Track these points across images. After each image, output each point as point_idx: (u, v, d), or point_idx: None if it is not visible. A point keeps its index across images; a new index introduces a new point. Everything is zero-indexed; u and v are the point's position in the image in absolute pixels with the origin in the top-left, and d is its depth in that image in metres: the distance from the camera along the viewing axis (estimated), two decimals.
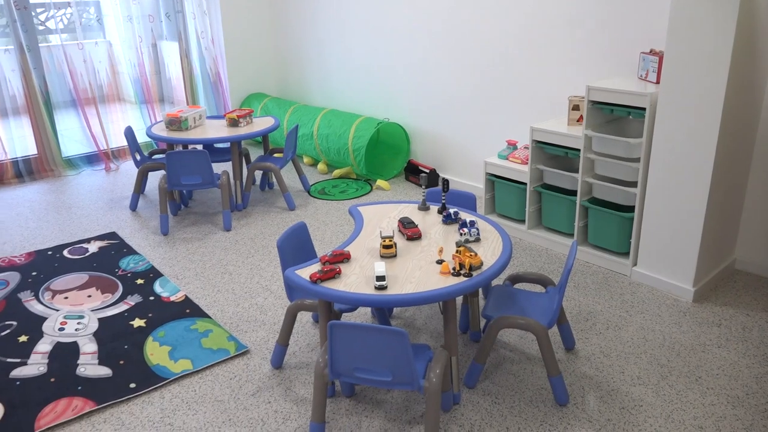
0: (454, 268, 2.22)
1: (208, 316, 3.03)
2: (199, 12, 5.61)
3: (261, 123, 4.48)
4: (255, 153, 5.61)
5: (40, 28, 5.09)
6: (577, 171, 3.48)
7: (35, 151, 5.16)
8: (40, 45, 5.03)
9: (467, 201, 2.96)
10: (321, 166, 5.13)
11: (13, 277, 3.44)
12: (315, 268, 2.25)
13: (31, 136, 5.11)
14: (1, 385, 2.55)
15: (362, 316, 2.99)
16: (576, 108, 3.53)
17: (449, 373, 2.30)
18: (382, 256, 2.36)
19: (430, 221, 2.68)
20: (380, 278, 2.13)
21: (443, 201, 2.73)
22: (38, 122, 5.08)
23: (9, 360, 2.71)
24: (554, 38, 3.79)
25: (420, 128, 4.86)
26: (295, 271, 2.23)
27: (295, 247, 2.58)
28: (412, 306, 2.98)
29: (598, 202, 3.40)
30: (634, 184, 3.23)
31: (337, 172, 5.01)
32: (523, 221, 3.85)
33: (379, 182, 4.76)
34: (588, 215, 3.47)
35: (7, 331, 2.94)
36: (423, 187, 2.80)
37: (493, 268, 2.24)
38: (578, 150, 3.37)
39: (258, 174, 4.94)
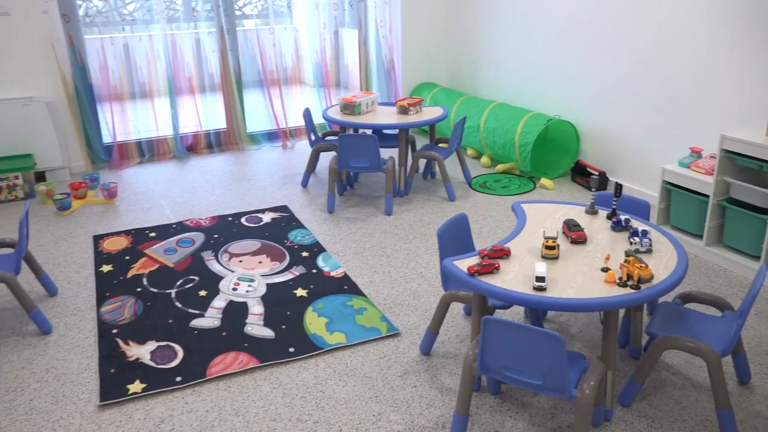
0: (620, 278, 2.10)
1: (364, 295, 3.16)
2: (380, 1, 5.79)
3: (430, 112, 4.54)
4: (421, 141, 5.71)
5: (238, 13, 5.56)
6: None
7: (225, 126, 5.68)
8: (237, 29, 5.49)
9: (640, 208, 2.78)
10: (484, 159, 5.10)
11: (199, 237, 3.83)
12: (473, 260, 2.25)
13: (223, 111, 5.63)
14: (182, 331, 2.86)
15: (515, 314, 2.94)
16: None
17: (603, 386, 2.19)
18: (544, 257, 2.29)
19: (597, 226, 2.55)
20: (540, 279, 2.07)
21: (614, 206, 2.59)
22: (230, 99, 5.57)
23: (190, 310, 3.03)
24: (757, 39, 3.41)
25: (592, 128, 4.64)
26: (453, 261, 2.25)
27: (455, 237, 2.59)
28: (570, 312, 2.88)
29: None
30: None
31: (500, 167, 4.94)
32: (700, 236, 3.54)
33: (544, 181, 4.62)
34: None
35: (190, 284, 3.28)
36: (592, 189, 2.67)
37: (664, 283, 2.09)
38: None
39: (422, 162, 5.02)
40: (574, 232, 2.41)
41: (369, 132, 4.73)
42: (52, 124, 4.73)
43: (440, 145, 4.64)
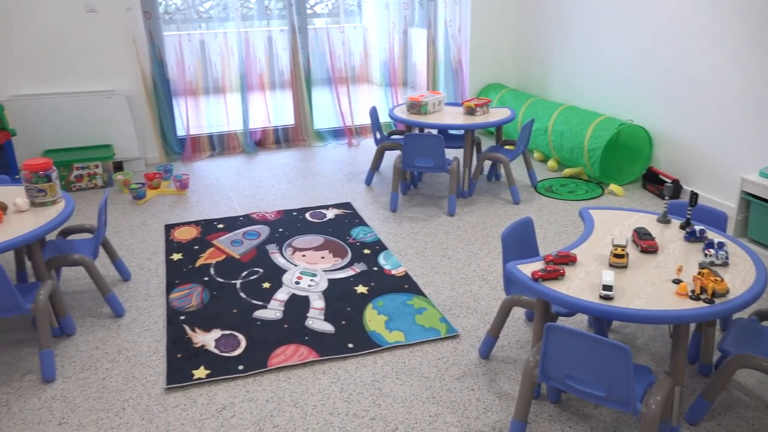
0: (693, 291, 2.02)
1: (424, 295, 3.15)
2: (451, 1, 5.76)
3: (497, 113, 4.49)
4: (487, 143, 5.65)
5: (309, 12, 5.65)
6: None
7: (293, 122, 5.79)
8: (308, 27, 5.59)
9: (716, 219, 2.66)
10: (551, 163, 5.00)
11: (264, 231, 3.92)
12: (538, 265, 2.21)
13: (291, 108, 5.74)
14: (246, 321, 2.94)
15: (578, 323, 2.87)
16: None
17: (670, 402, 2.11)
18: (612, 265, 2.23)
19: (669, 236, 2.46)
20: (607, 288, 2.02)
21: (688, 216, 2.49)
22: (298, 96, 5.67)
23: (253, 301, 3.11)
24: None
25: (665, 133, 4.47)
26: (517, 265, 2.22)
27: (519, 241, 2.55)
28: (637, 323, 2.79)
29: None
30: None
31: (567, 171, 4.83)
32: None
33: (612, 187, 4.49)
34: None
35: (255, 276, 3.36)
36: (666, 198, 2.58)
37: (740, 299, 1.99)
38: None
39: (487, 164, 4.97)
40: (645, 241, 2.33)
41: (435, 132, 4.72)
42: (131, 117, 4.94)
43: (506, 147, 4.58)
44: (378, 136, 4.71)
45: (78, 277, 3.39)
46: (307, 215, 4.16)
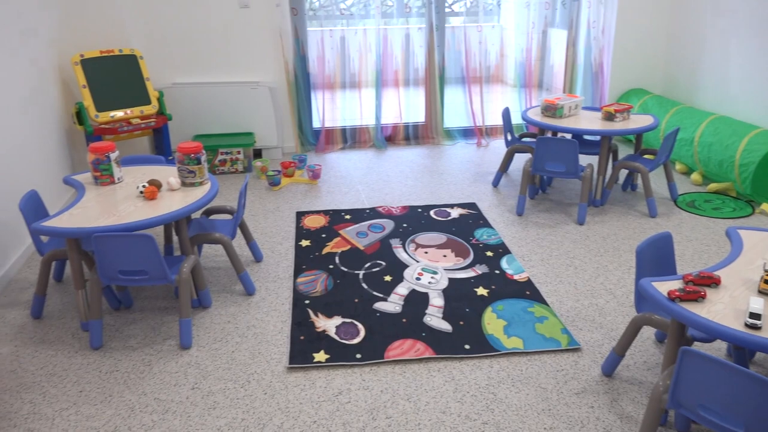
0: None
1: (546, 303, 3.06)
2: (595, 0, 5.53)
3: (638, 120, 4.26)
4: (624, 151, 5.38)
5: (447, 10, 5.65)
6: None
7: (423, 119, 5.83)
8: (445, 26, 5.60)
9: None
10: (695, 176, 4.65)
11: (389, 225, 3.99)
12: (675, 284, 2.07)
13: (423, 105, 5.78)
14: (366, 311, 3.01)
15: (715, 349, 2.66)
16: None
17: None
18: (761, 292, 2.04)
19: None
20: (754, 316, 1.85)
21: None
22: (431, 94, 5.70)
23: (374, 293, 3.18)
24: None
25: None
26: (652, 282, 2.09)
27: (656, 257, 2.41)
28: None
29: None
30: None
31: (713, 186, 4.48)
32: None
33: (765, 206, 4.10)
34: None
35: (377, 268, 3.43)
36: None
37: None
38: None
39: (623, 173, 4.73)
40: None
41: (569, 136, 4.56)
42: (272, 108, 5.22)
43: (646, 156, 4.33)
44: (509, 137, 4.63)
45: (216, 254, 3.64)
46: (432, 213, 4.18)
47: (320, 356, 2.67)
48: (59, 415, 2.36)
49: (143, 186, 2.94)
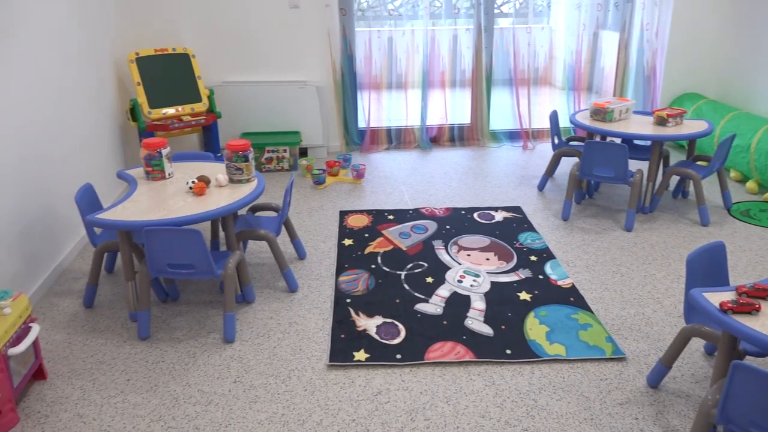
0: None
1: (591, 311, 3.01)
2: (650, 2, 5.39)
3: (691, 126, 4.13)
4: (676, 157, 5.23)
5: (496, 11, 5.60)
6: None
7: (469, 121, 5.80)
8: (494, 27, 5.55)
9: None
10: (751, 184, 4.49)
11: (432, 226, 3.98)
12: (728, 296, 2.01)
13: (469, 107, 5.74)
14: (407, 312, 3.01)
15: (767, 363, 2.57)
16: None
17: None
18: None
19: None
20: None
21: None
22: (477, 96, 5.66)
23: (416, 294, 3.17)
24: None
25: None
26: (703, 292, 2.03)
27: (707, 267, 2.33)
28: None
29: None
30: None
31: None
32: None
33: None
34: None
35: (419, 269, 3.43)
36: None
37: None
38: None
39: (674, 180, 4.60)
40: None
41: (618, 141, 4.46)
42: (319, 107, 5.27)
43: (699, 163, 4.20)
44: (556, 141, 4.56)
45: (261, 251, 3.69)
46: (475, 215, 4.15)
47: (360, 355, 2.69)
48: (107, 402, 2.44)
49: (192, 182, 3.00)
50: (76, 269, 3.51)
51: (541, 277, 3.33)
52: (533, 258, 3.54)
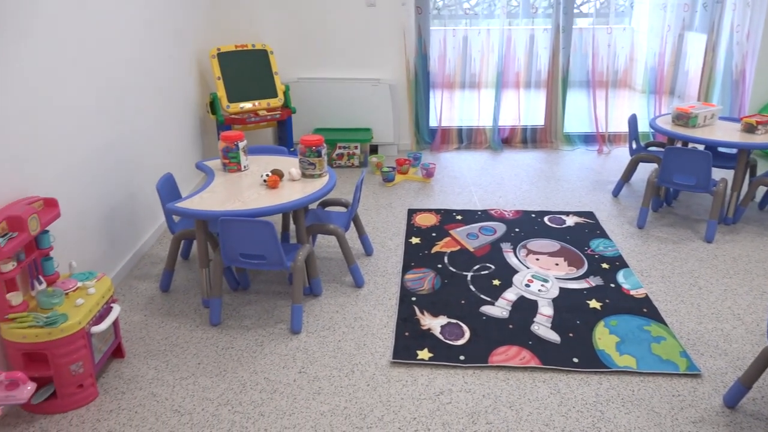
0: None
1: (665, 323, 2.89)
2: (741, 3, 5.12)
3: None
4: (763, 166, 4.96)
5: (575, 11, 5.46)
6: None
7: (542, 123, 5.68)
8: (572, 27, 5.41)
9: None
10: None
11: (500, 228, 3.93)
12: None
13: (543, 108, 5.63)
14: (472, 314, 2.99)
15: None
16: None
17: None
18: None
19: None
20: None
21: None
22: (552, 97, 5.54)
23: (482, 296, 3.14)
24: None
25: None
26: None
27: None
28: None
29: None
30: None
31: None
32: None
33: None
34: None
35: (486, 271, 3.39)
36: None
37: None
38: None
39: (761, 190, 4.36)
40: None
41: (701, 147, 4.26)
42: (391, 105, 5.29)
43: None
44: (634, 146, 4.41)
45: (329, 245, 3.75)
46: (546, 219, 4.07)
47: (424, 354, 2.69)
48: (179, 384, 2.54)
49: (267, 175, 3.08)
50: (154, 254, 3.67)
51: (612, 285, 3.23)
52: (605, 265, 3.44)
